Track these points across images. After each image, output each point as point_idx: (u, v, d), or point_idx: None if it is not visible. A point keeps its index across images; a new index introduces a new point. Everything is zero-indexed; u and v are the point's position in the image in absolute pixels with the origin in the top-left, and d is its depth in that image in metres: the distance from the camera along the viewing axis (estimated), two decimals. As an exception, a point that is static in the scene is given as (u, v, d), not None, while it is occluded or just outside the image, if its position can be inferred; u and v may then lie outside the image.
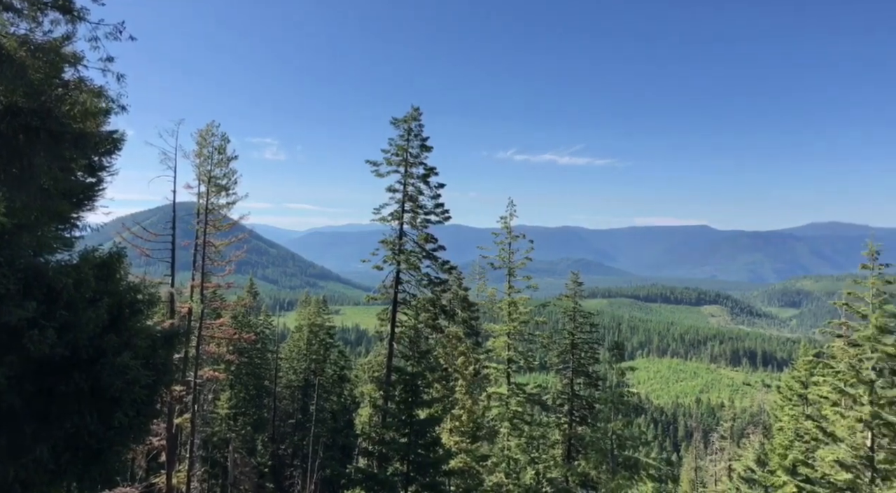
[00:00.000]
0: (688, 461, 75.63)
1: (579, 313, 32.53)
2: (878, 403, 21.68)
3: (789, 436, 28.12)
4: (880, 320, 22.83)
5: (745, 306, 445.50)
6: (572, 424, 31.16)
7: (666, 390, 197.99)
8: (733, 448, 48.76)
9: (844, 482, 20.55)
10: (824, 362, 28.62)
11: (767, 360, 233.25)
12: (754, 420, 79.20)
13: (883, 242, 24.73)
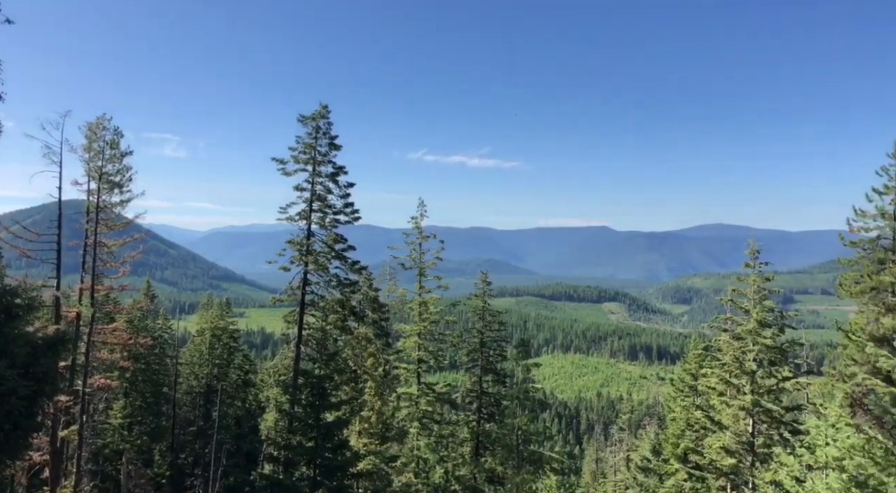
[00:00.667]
0: (589, 453, 78.83)
1: (488, 311, 33.09)
2: (759, 392, 23.50)
3: (681, 426, 29.91)
4: (760, 314, 24.74)
5: (642, 303, 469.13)
6: (481, 421, 31.67)
7: (569, 385, 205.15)
8: (631, 439, 51.25)
9: (729, 466, 22.12)
10: (712, 355, 30.65)
11: (662, 354, 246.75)
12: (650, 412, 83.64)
13: (763, 242, 26.74)
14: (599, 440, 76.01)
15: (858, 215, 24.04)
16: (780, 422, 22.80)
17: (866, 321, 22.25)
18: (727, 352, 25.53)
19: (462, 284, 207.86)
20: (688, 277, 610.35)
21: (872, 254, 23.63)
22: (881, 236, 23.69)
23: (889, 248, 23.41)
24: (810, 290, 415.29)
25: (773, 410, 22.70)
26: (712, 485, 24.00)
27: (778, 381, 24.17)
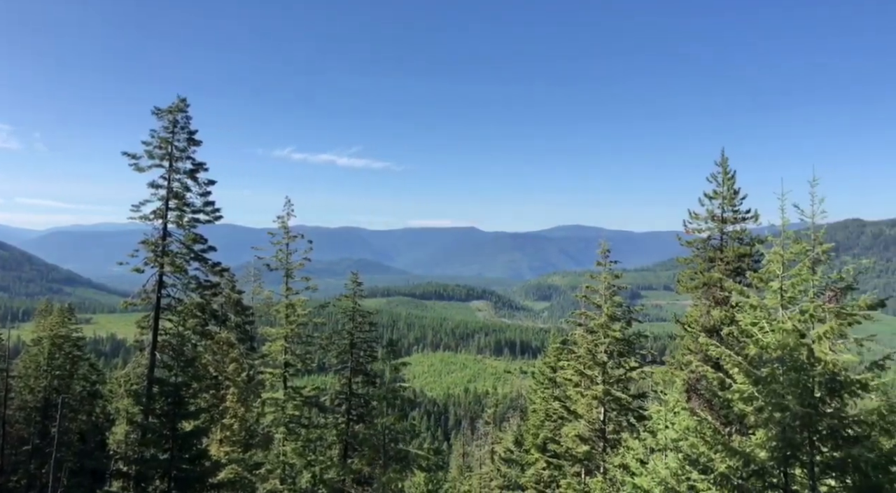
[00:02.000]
0: (457, 448, 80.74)
1: (359, 312, 32.88)
2: (609, 381, 25.38)
3: (540, 417, 31.58)
4: (610, 309, 26.71)
5: (507, 300, 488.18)
6: (350, 423, 31.45)
7: (438, 382, 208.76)
8: (496, 432, 53.18)
9: (583, 453, 23.70)
10: (568, 349, 32.60)
11: (525, 349, 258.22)
12: (514, 405, 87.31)
13: (612, 242, 28.86)
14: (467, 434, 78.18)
15: (692, 218, 26.52)
16: (628, 409, 24.81)
17: (700, 314, 24.75)
18: (582, 345, 27.26)
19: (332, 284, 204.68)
20: (548, 275, 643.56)
21: (704, 253, 26.11)
22: (711, 237, 26.23)
23: (718, 247, 26.01)
24: (654, 286, 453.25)
25: (621, 398, 24.63)
26: (568, 471, 25.62)
27: (626, 371, 26.27)
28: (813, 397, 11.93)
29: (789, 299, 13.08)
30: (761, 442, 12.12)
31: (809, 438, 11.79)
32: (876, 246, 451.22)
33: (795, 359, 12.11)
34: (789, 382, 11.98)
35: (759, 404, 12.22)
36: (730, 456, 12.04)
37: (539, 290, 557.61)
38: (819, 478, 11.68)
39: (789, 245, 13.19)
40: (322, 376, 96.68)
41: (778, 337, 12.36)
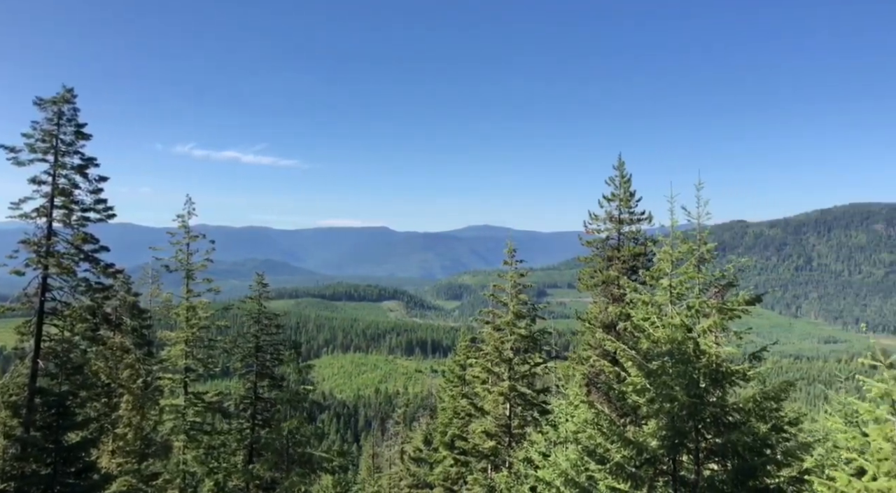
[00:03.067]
0: (366, 449, 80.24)
1: (264, 314, 31.93)
2: (515, 377, 26.06)
3: (449, 415, 31.94)
4: (516, 307, 27.42)
5: (419, 300, 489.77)
6: (255, 428, 30.54)
7: (349, 383, 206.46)
8: (406, 432, 53.28)
9: (489, 448, 24.19)
10: (477, 346, 33.16)
11: (436, 348, 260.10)
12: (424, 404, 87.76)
13: (520, 242, 29.68)
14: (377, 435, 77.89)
15: (592, 219, 27.67)
16: (533, 404, 25.57)
17: (599, 311, 25.86)
18: (489, 343, 27.83)
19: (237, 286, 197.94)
20: (459, 274, 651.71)
21: (603, 252, 27.29)
22: (610, 237, 27.46)
23: (616, 247, 27.26)
24: (559, 284, 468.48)
25: (526, 393, 25.35)
26: (475, 467, 26.08)
27: (531, 367, 27.06)
28: (698, 388, 12.74)
29: (677, 295, 13.91)
30: (653, 432, 12.82)
31: (695, 426, 12.58)
32: (757, 246, 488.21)
33: (683, 352, 12.89)
34: (677, 373, 12.71)
35: (650, 395, 12.91)
36: (624, 446, 12.65)
37: (450, 289, 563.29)
38: (703, 463, 12.50)
39: (678, 245, 14.02)
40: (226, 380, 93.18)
41: (667, 332, 13.10)
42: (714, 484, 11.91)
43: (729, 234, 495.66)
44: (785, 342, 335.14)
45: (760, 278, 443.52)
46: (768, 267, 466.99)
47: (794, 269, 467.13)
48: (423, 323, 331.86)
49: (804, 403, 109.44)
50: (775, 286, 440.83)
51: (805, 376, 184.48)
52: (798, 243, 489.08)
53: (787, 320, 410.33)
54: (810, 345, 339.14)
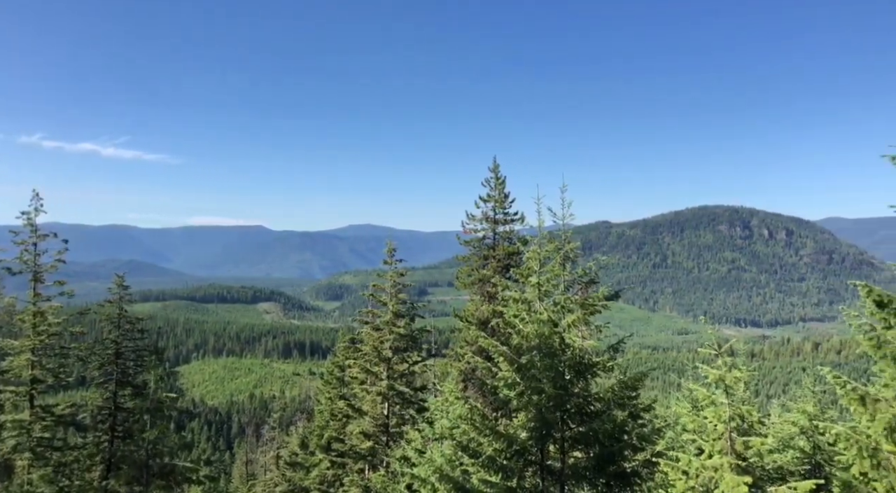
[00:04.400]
0: (240, 457, 77.10)
1: (126, 318, 29.75)
2: (393, 377, 26.15)
3: (326, 417, 31.45)
4: (396, 306, 27.51)
5: (297, 301, 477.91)
6: (115, 440, 28.38)
7: (221, 389, 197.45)
8: (282, 437, 51.83)
9: (367, 449, 24.10)
10: (356, 347, 32.91)
11: (315, 349, 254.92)
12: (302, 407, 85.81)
13: (402, 242, 29.84)
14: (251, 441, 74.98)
15: (469, 219, 28.33)
16: (411, 402, 25.78)
17: (475, 308, 26.57)
18: (368, 342, 27.72)
19: (96, 289, 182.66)
20: (339, 274, 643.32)
21: (480, 252, 28.00)
22: (486, 237, 28.23)
23: (491, 246, 28.08)
24: (440, 283, 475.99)
25: (405, 392, 25.52)
26: (352, 469, 25.90)
27: (409, 365, 27.27)
28: (564, 380, 13.44)
29: (545, 292, 14.58)
30: (522, 424, 13.36)
31: (561, 416, 13.26)
32: (620, 245, 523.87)
33: (550, 346, 13.53)
34: (545, 367, 13.33)
35: (520, 389, 13.44)
36: (496, 439, 13.08)
37: (330, 290, 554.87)
38: (568, 451, 13.20)
39: (545, 244, 14.71)
40: (82, 390, 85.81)
41: (536, 327, 13.70)
42: (577, 471, 12.62)
43: (595, 233, 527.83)
44: (644, 335, 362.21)
45: (622, 275, 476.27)
46: (629, 265, 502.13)
47: (652, 266, 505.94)
48: (302, 325, 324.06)
49: (660, 391, 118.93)
50: (635, 283, 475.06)
51: (661, 365, 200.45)
52: (655, 243, 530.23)
53: (646, 313, 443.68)
54: (666, 336, 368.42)
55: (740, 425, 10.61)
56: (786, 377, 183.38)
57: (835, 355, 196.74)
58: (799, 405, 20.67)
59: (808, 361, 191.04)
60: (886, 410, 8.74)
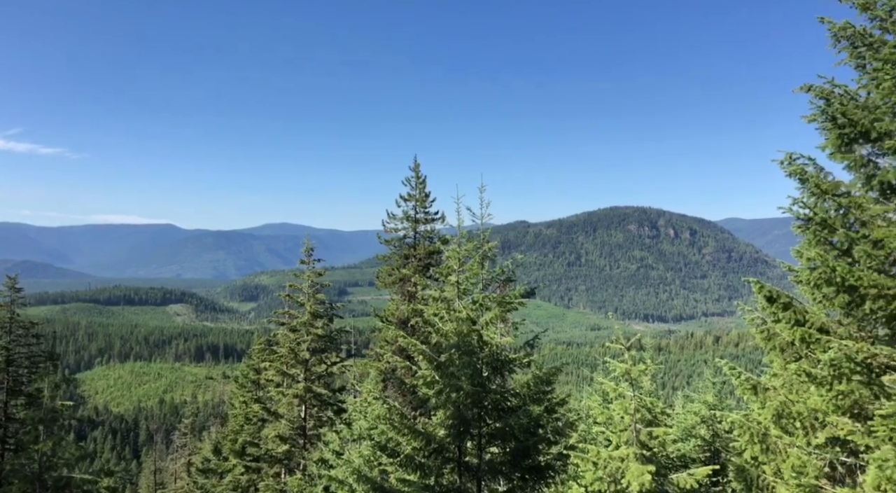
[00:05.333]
0: (148, 465, 73.57)
1: (18, 323, 27.69)
2: (311, 378, 25.70)
3: (240, 421, 30.54)
4: (313, 307, 27.06)
5: (210, 302, 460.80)
6: (5, 453, 26.37)
7: (128, 396, 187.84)
8: (194, 443, 49.89)
9: (283, 453, 23.58)
10: (272, 349, 32.13)
11: (229, 352, 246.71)
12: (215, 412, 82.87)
13: (321, 241, 29.40)
14: (161, 449, 71.60)
15: (390, 218, 28.31)
16: (329, 404, 25.43)
17: (395, 308, 26.54)
18: (284, 344, 27.14)
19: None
20: (255, 274, 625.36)
21: (401, 251, 28.01)
22: (406, 236, 28.29)
23: (412, 245, 28.16)
24: (360, 282, 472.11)
25: (322, 394, 25.13)
26: (268, 473, 25.26)
27: (328, 367, 26.88)
28: (482, 377, 13.66)
29: (464, 290, 14.77)
30: (441, 421, 13.47)
31: (479, 413, 13.47)
32: (537, 244, 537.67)
33: (468, 344, 13.72)
34: (463, 364, 13.50)
35: (439, 387, 13.55)
36: (414, 438, 13.13)
37: (245, 290, 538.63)
38: (485, 447, 13.42)
39: (464, 243, 14.92)
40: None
41: (455, 325, 13.86)
42: (494, 466, 12.86)
43: (513, 233, 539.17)
44: (559, 330, 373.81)
45: (539, 273, 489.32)
46: (546, 263, 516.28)
47: (567, 264, 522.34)
48: (215, 327, 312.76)
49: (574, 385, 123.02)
50: (551, 280, 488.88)
51: (575, 360, 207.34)
52: (570, 242, 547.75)
53: (561, 310, 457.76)
54: (580, 332, 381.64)
55: (645, 416, 11.16)
56: (690, 370, 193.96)
57: (733, 348, 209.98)
58: (700, 396, 21.94)
59: (710, 353, 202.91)
60: (775, 397, 9.43)
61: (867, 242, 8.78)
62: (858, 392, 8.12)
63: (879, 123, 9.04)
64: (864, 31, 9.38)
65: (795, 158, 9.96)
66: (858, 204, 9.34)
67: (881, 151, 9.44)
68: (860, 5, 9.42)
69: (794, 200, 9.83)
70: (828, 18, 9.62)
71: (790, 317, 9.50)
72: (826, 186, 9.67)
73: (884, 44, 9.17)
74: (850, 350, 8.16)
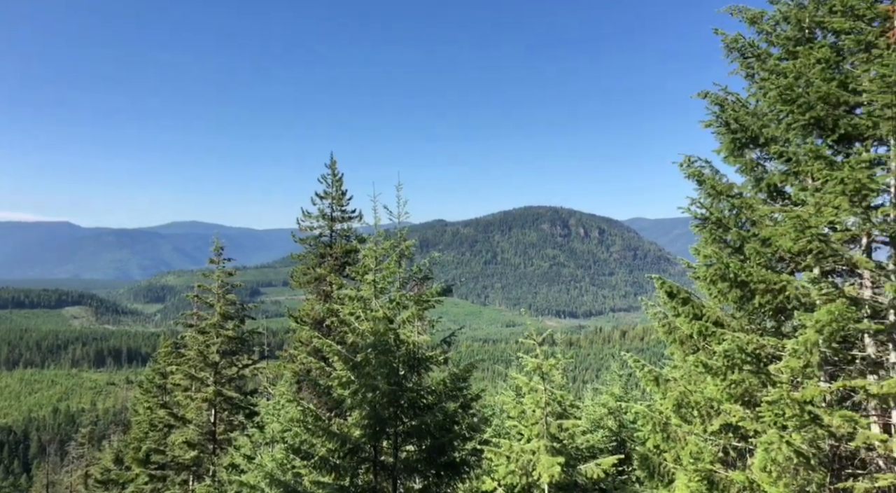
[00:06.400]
0: (39, 479, 68.71)
1: None
2: (221, 382, 24.82)
3: (145, 428, 29.08)
4: (224, 308, 26.16)
5: (112, 304, 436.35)
6: None
7: (17, 405, 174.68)
8: (93, 453, 47.05)
9: (191, 459, 22.66)
10: (179, 352, 30.79)
11: (133, 356, 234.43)
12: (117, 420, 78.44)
13: (233, 240, 28.45)
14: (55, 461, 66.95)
15: (305, 216, 27.78)
16: (240, 407, 24.65)
17: (310, 308, 26.06)
18: (193, 347, 26.09)
19: None
20: (162, 275, 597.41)
21: (316, 250, 27.56)
22: (322, 234, 27.88)
23: (328, 244, 27.77)
24: (274, 282, 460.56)
25: (233, 397, 24.33)
26: (174, 481, 24.19)
27: (239, 369, 26.05)
28: (398, 376, 13.64)
29: (381, 289, 14.70)
30: (356, 421, 13.35)
31: (395, 411, 13.44)
32: (455, 242, 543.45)
33: (385, 343, 13.66)
34: (380, 364, 13.43)
35: (354, 387, 13.42)
36: (329, 439, 12.94)
37: (151, 291, 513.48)
38: (401, 446, 13.42)
39: (381, 242, 14.85)
40: None
41: (371, 325, 13.77)
42: (410, 464, 12.88)
43: (431, 232, 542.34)
44: (476, 328, 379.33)
45: (457, 272, 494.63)
46: (463, 261, 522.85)
47: (484, 263, 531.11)
48: (118, 330, 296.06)
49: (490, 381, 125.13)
50: (469, 278, 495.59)
51: (490, 356, 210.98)
52: (487, 241, 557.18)
53: (478, 307, 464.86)
54: (496, 329, 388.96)
55: (556, 409, 11.52)
56: (599, 363, 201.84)
57: (639, 342, 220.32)
58: (608, 388, 22.86)
59: (617, 347, 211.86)
60: (675, 388, 9.97)
61: (757, 241, 9.44)
62: (749, 381, 8.71)
63: (767, 129, 9.74)
64: (753, 43, 10.08)
65: (694, 161, 10.57)
66: (749, 205, 10.03)
67: (768, 155, 10.19)
68: (749, 19, 10.12)
69: (692, 200, 10.44)
70: (721, 30, 10.28)
71: (689, 311, 10.07)
72: (721, 187, 10.32)
73: (770, 56, 9.90)
74: (742, 342, 8.75)
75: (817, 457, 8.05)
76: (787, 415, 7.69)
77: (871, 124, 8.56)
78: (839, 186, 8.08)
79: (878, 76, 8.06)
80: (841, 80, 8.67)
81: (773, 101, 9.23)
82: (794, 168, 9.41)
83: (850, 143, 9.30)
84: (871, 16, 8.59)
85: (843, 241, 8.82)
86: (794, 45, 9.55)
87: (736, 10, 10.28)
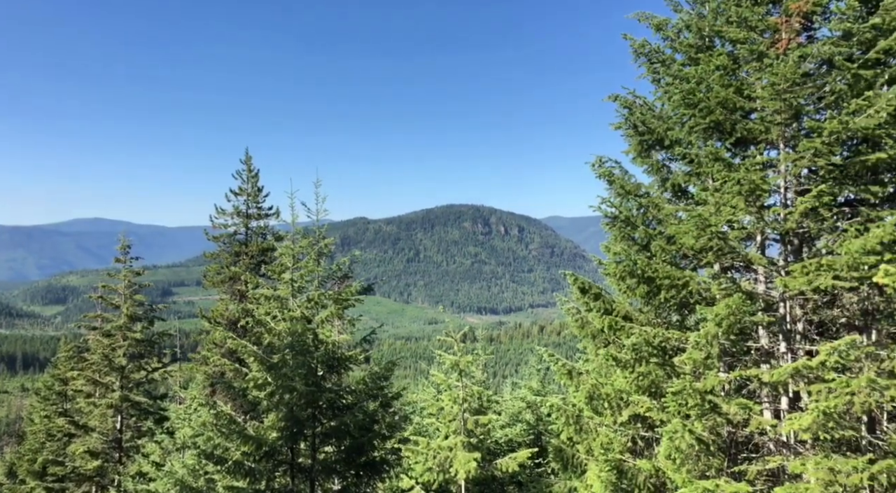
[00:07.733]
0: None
1: None
2: (128, 386, 23.60)
3: (41, 438, 27.25)
4: (131, 309, 24.89)
5: (6, 306, 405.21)
6: None
7: None
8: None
9: (94, 469, 21.42)
10: (82, 356, 29.01)
11: (29, 362, 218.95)
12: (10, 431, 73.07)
13: (142, 237, 27.06)
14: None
15: (219, 213, 26.83)
16: (148, 413, 23.51)
17: (224, 308, 25.18)
18: (97, 351, 24.69)
19: None
20: (63, 274, 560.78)
21: (231, 248, 26.66)
22: (237, 232, 27.00)
23: (243, 242, 26.92)
24: (187, 282, 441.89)
25: (141, 402, 23.18)
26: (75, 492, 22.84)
27: (148, 373, 24.86)
28: (316, 376, 13.41)
29: (298, 288, 14.40)
30: (272, 424, 13.02)
31: (313, 413, 13.21)
32: (377, 240, 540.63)
33: (303, 343, 13.40)
34: (297, 365, 13.16)
35: (271, 389, 13.08)
36: (244, 443, 12.56)
37: (50, 292, 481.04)
38: (319, 447, 13.21)
39: (299, 240, 14.54)
40: None
41: (289, 325, 13.47)
42: (328, 465, 12.71)
43: (353, 229, 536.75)
44: (399, 326, 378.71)
45: (380, 270, 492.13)
46: (386, 259, 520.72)
47: (406, 260, 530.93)
48: (11, 334, 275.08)
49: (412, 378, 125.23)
50: (391, 276, 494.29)
51: (413, 354, 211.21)
52: (409, 238, 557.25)
53: (401, 305, 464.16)
54: (418, 327, 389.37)
55: (473, 405, 11.66)
56: (518, 358, 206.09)
57: (556, 336, 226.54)
58: (526, 383, 23.40)
59: (535, 342, 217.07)
60: (587, 381, 10.32)
61: (662, 238, 9.91)
62: (655, 373, 9.13)
63: (671, 131, 10.23)
64: (659, 49, 10.57)
65: (604, 162, 10.97)
66: (656, 204, 10.51)
67: (673, 156, 10.71)
68: (655, 26, 10.60)
69: (602, 199, 10.83)
70: (629, 35, 10.72)
71: (600, 306, 10.44)
72: (629, 187, 10.76)
73: (674, 61, 10.41)
74: (649, 335, 9.16)
75: (716, 443, 8.54)
76: (689, 404, 8.11)
77: (763, 129, 9.16)
78: (736, 186, 8.60)
79: (769, 84, 8.63)
80: (737, 87, 9.21)
81: (677, 105, 9.71)
82: (696, 169, 9.93)
83: (746, 146, 9.91)
84: (763, 27, 9.18)
85: (740, 239, 9.39)
86: (695, 52, 10.07)
87: (643, 17, 10.75)
